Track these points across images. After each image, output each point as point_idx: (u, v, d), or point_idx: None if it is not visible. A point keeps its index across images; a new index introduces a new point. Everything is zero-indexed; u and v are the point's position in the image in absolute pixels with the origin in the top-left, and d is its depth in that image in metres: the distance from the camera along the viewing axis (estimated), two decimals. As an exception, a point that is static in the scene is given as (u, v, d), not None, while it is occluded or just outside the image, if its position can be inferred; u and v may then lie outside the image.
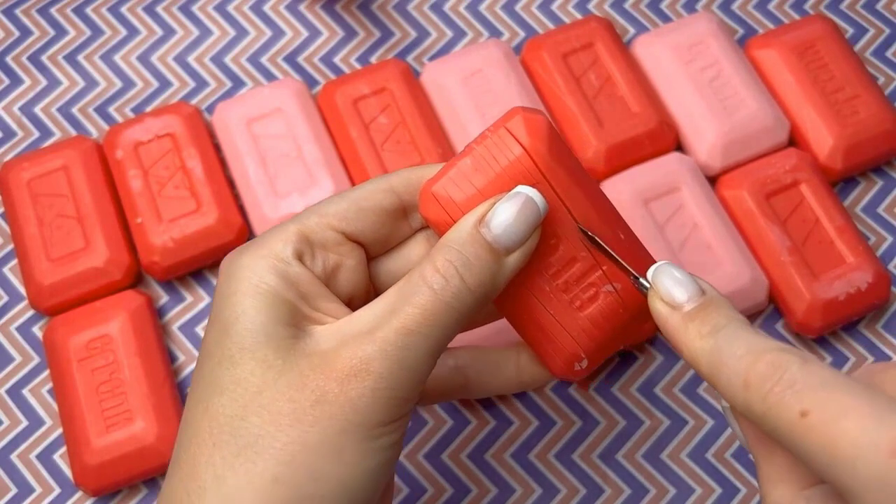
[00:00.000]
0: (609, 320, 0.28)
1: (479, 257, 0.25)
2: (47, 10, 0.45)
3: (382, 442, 0.25)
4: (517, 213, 0.25)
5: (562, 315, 0.27)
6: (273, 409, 0.24)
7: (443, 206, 0.26)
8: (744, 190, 0.40)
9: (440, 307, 0.25)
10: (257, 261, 0.26)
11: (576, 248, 0.27)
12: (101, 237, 0.39)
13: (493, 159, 0.26)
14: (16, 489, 0.37)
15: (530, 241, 0.26)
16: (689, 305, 0.25)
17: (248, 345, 0.25)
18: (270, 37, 0.45)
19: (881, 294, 0.39)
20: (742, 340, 0.23)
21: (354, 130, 0.41)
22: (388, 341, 0.24)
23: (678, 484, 0.37)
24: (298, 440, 0.24)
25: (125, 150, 0.40)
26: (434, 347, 0.25)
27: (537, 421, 0.38)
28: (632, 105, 0.41)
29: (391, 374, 0.24)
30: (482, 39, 0.45)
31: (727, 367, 0.23)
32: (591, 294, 0.27)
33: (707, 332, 0.24)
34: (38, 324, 0.39)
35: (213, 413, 0.25)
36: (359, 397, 0.24)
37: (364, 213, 0.27)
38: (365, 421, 0.24)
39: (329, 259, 0.27)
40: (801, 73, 0.42)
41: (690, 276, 0.25)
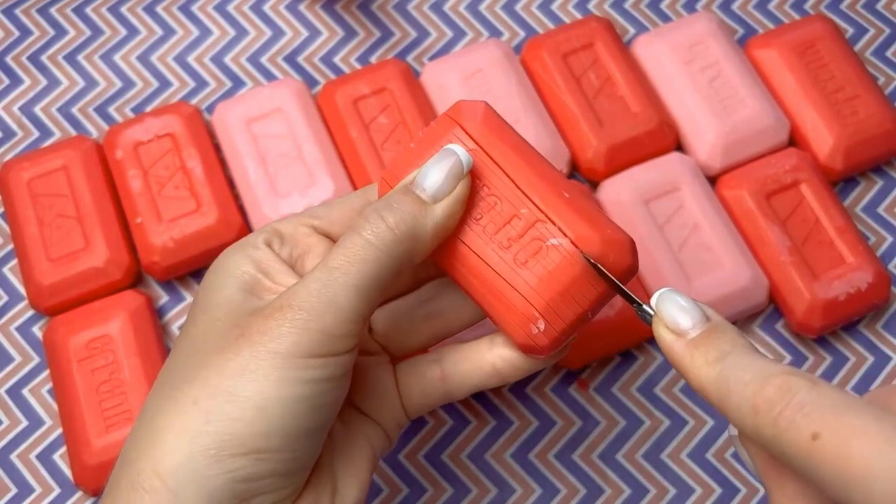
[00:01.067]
0: (555, 275, 0.27)
1: (401, 202, 0.27)
2: (47, 10, 0.45)
3: (304, 374, 0.25)
4: (440, 166, 0.27)
5: (508, 273, 0.28)
6: (206, 349, 0.26)
7: (390, 186, 0.29)
8: (744, 190, 0.40)
9: (360, 244, 0.26)
10: (231, 249, 0.29)
11: (516, 206, 0.28)
12: (101, 237, 0.39)
13: (434, 139, 0.29)
14: (16, 489, 0.37)
15: (457, 191, 0.27)
16: (693, 332, 0.25)
17: (207, 307, 0.27)
18: (270, 37, 0.45)
19: (881, 294, 0.39)
20: (749, 366, 0.23)
21: (354, 130, 0.41)
22: (311, 278, 0.26)
23: (678, 484, 0.37)
24: (218, 367, 0.25)
25: (125, 150, 0.40)
26: (357, 283, 0.26)
27: (537, 421, 0.38)
28: (632, 105, 0.41)
29: (310, 305, 0.25)
30: (482, 39, 0.45)
31: (735, 394, 0.23)
32: (535, 249, 0.28)
33: (713, 358, 0.24)
34: (38, 324, 0.39)
35: (168, 365, 0.27)
36: (278, 326, 0.25)
37: (331, 210, 0.30)
38: (285, 350, 0.25)
39: (297, 247, 0.30)
40: (801, 73, 0.42)
41: (695, 303, 0.25)
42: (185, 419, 0.25)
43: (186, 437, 0.25)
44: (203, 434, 0.24)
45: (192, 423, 0.25)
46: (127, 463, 0.25)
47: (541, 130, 0.41)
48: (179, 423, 0.25)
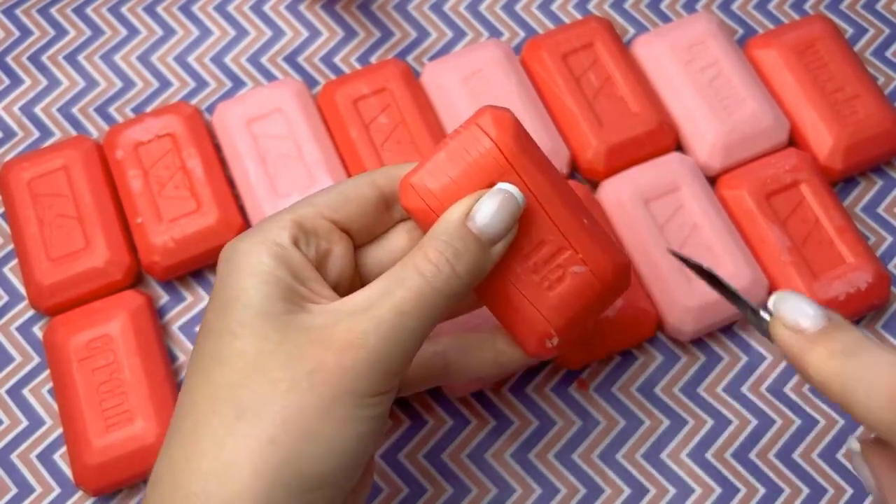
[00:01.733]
0: (577, 299, 0.30)
1: (468, 248, 0.27)
2: (47, 10, 0.45)
3: (371, 411, 0.26)
4: (499, 208, 0.28)
5: (533, 295, 0.30)
6: (271, 376, 0.25)
7: (421, 196, 0.29)
8: (744, 190, 0.40)
9: (430, 292, 0.27)
10: (256, 245, 0.28)
11: (544, 232, 0.29)
12: (101, 237, 0.39)
13: (465, 152, 0.29)
14: (16, 489, 0.37)
15: (511, 233, 0.28)
16: (815, 329, 0.24)
17: (248, 320, 0.26)
18: (270, 37, 0.45)
19: (881, 294, 0.39)
20: (881, 358, 0.22)
21: (354, 130, 0.41)
22: (383, 319, 0.26)
23: (678, 484, 0.37)
24: (294, 404, 0.25)
25: (125, 150, 0.40)
26: (423, 327, 0.27)
27: (537, 421, 0.38)
28: (632, 105, 0.41)
29: (384, 348, 0.26)
30: (482, 39, 0.45)
31: (866, 385, 0.22)
32: (560, 275, 0.30)
33: (838, 350, 0.23)
34: (38, 324, 0.39)
35: (213, 383, 0.26)
36: (353, 367, 0.25)
37: (350, 204, 0.30)
38: (357, 389, 0.26)
39: (321, 245, 0.29)
40: (801, 73, 0.42)
41: (815, 302, 0.25)
42: (264, 457, 0.25)
43: (266, 476, 0.25)
44: (282, 472, 0.25)
45: (271, 460, 0.25)
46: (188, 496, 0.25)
47: (541, 130, 0.41)
48: (257, 461, 0.25)
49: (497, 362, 0.32)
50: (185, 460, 0.25)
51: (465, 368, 0.32)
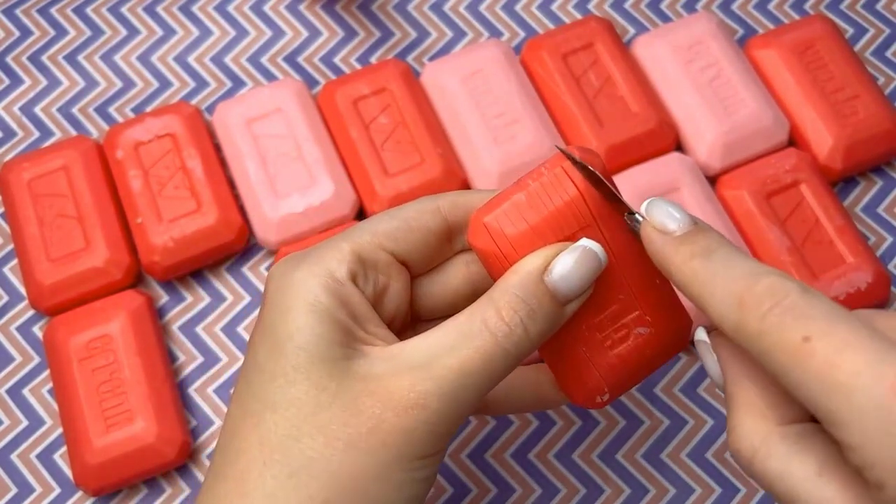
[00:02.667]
0: (636, 360, 0.28)
1: (544, 308, 0.26)
2: (47, 10, 0.45)
3: (424, 472, 0.25)
4: (580, 266, 0.26)
5: (593, 352, 0.28)
6: (328, 432, 0.24)
7: (493, 238, 0.27)
8: (744, 190, 0.40)
9: (499, 354, 0.25)
10: (313, 278, 0.26)
11: (616, 290, 0.27)
12: (101, 237, 0.39)
13: (547, 198, 0.27)
14: (16, 489, 0.37)
15: (587, 291, 0.27)
16: (680, 231, 0.24)
17: (303, 364, 0.25)
18: (270, 37, 0.45)
19: (881, 294, 0.39)
20: (739, 262, 0.23)
21: (354, 130, 0.41)
22: (447, 380, 0.24)
23: (678, 484, 0.37)
24: (352, 466, 0.24)
25: (125, 150, 0.40)
26: (486, 389, 0.25)
27: (537, 421, 0.38)
28: (632, 105, 0.41)
29: (445, 411, 0.25)
30: (482, 39, 0.45)
31: (721, 287, 0.23)
32: (623, 335, 0.28)
33: (699, 251, 0.24)
34: (38, 324, 0.39)
35: (264, 430, 0.25)
36: (413, 430, 0.24)
37: (413, 234, 0.28)
38: (415, 452, 0.25)
39: (379, 280, 0.27)
40: (801, 73, 0.42)
41: (684, 210, 0.25)
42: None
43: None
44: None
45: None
46: None
47: (541, 130, 0.41)
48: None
49: (537, 400, 0.30)
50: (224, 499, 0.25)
51: (503, 404, 0.31)
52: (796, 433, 0.23)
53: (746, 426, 0.24)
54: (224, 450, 0.26)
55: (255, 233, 0.40)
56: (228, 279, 0.40)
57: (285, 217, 0.39)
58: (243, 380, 0.26)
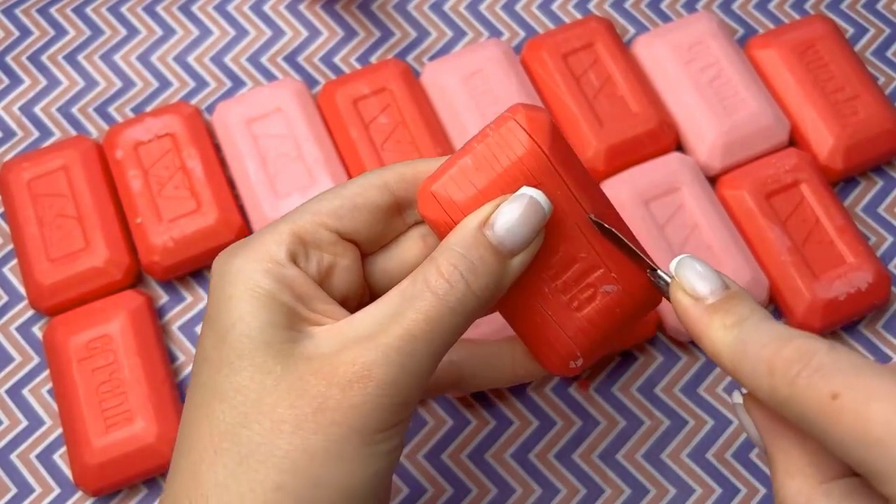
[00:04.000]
0: (606, 320, 0.28)
1: (484, 261, 0.25)
2: (47, 10, 0.45)
3: (383, 447, 0.24)
4: (522, 215, 0.25)
5: (559, 315, 0.27)
6: (274, 416, 0.24)
7: (443, 207, 0.26)
8: (744, 190, 0.40)
9: (444, 312, 0.24)
10: (251, 263, 0.25)
11: (577, 248, 0.27)
12: (101, 237, 0.39)
13: (494, 159, 0.26)
14: (16, 489, 0.37)
15: (534, 243, 0.26)
16: (712, 298, 0.25)
17: (247, 351, 0.24)
18: (270, 37, 0.45)
19: (881, 294, 0.39)
20: (767, 330, 0.23)
21: (354, 130, 0.41)
22: (392, 347, 0.24)
23: (678, 484, 0.37)
24: (300, 448, 0.23)
25: (125, 150, 0.40)
26: (437, 352, 0.25)
27: (537, 421, 0.38)
28: (632, 105, 0.41)
29: (394, 379, 0.24)
30: (482, 39, 0.45)
31: (751, 355, 0.23)
32: (589, 294, 0.27)
33: (731, 322, 0.24)
34: (38, 324, 0.39)
35: (213, 420, 0.24)
36: (361, 403, 0.24)
37: (358, 211, 0.27)
38: (366, 427, 0.24)
39: (323, 259, 0.27)
40: (801, 73, 0.42)
41: (714, 270, 0.25)
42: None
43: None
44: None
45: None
46: None
47: (541, 130, 0.41)
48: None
49: (514, 374, 0.30)
50: (188, 500, 0.24)
51: (480, 380, 0.30)
52: (841, 490, 0.23)
53: (790, 488, 0.24)
54: (179, 444, 0.26)
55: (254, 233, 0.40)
56: (228, 279, 0.40)
57: (285, 217, 0.39)
58: (193, 374, 0.26)
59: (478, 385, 0.31)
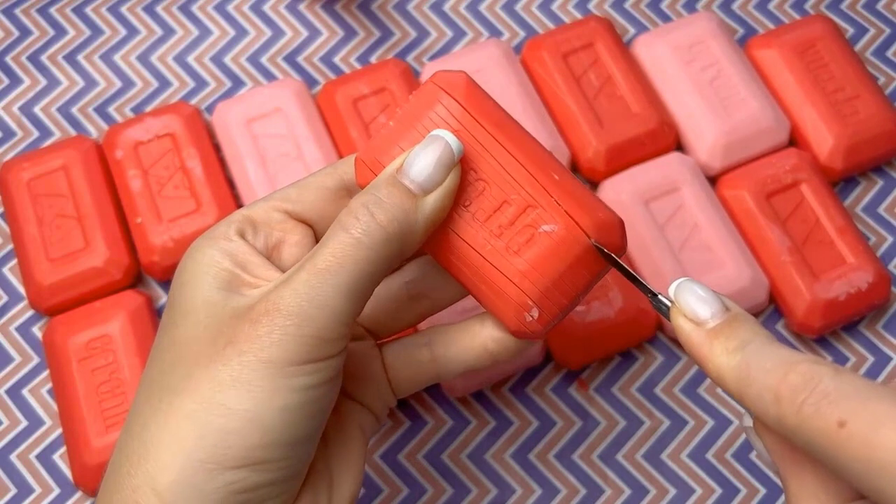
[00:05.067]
0: (552, 262, 0.27)
1: (391, 195, 0.26)
2: (47, 10, 0.45)
3: (298, 382, 0.25)
4: (429, 154, 0.26)
5: (500, 262, 0.27)
6: (194, 356, 0.25)
7: (373, 171, 0.27)
8: (744, 190, 0.40)
9: (350, 243, 0.25)
10: (203, 241, 0.28)
11: (505, 191, 0.27)
12: (100, 237, 0.39)
13: (415, 118, 0.27)
14: (15, 489, 0.37)
15: (448, 181, 0.27)
16: (713, 322, 0.24)
17: (188, 309, 0.26)
18: (270, 37, 0.45)
19: (881, 294, 0.39)
20: (770, 354, 0.23)
21: (354, 130, 0.41)
22: (299, 281, 0.25)
23: (678, 484, 0.37)
24: (209, 378, 0.25)
25: (125, 150, 0.40)
26: (347, 284, 0.25)
27: (537, 421, 0.38)
28: (632, 105, 0.41)
29: (300, 310, 0.24)
30: (482, 39, 0.45)
31: (757, 382, 0.23)
32: (528, 236, 0.27)
33: (733, 347, 0.24)
34: (37, 324, 0.39)
35: (150, 372, 0.26)
36: (267, 334, 0.24)
37: (307, 192, 0.29)
38: (276, 358, 0.24)
39: (272, 236, 0.28)
40: (802, 73, 0.42)
41: (714, 293, 0.25)
42: (179, 433, 0.24)
43: (182, 453, 0.24)
44: (199, 448, 0.24)
45: (187, 437, 0.24)
46: (120, 478, 0.25)
47: (541, 130, 0.41)
48: (173, 438, 0.24)
49: (487, 350, 0.30)
50: (118, 449, 0.26)
51: (454, 360, 0.30)
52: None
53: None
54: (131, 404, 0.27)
55: (254, 233, 0.40)
56: (228, 279, 0.40)
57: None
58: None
59: (455, 369, 0.31)
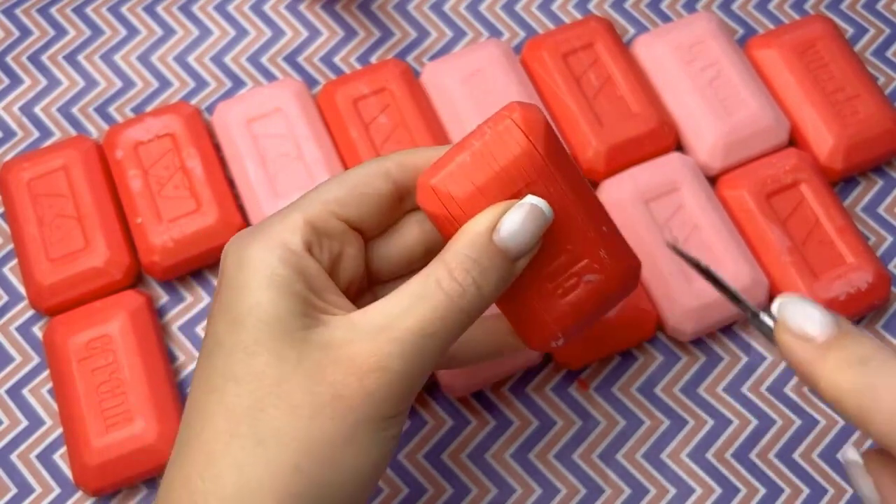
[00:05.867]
0: (587, 305, 0.29)
1: (495, 265, 0.26)
2: (47, 10, 0.45)
3: (390, 432, 0.26)
4: (526, 222, 0.26)
5: (545, 301, 0.29)
6: (292, 401, 0.25)
7: (442, 201, 0.27)
8: (744, 190, 0.40)
9: (455, 313, 0.26)
10: (268, 252, 0.26)
11: (565, 240, 0.28)
12: (101, 237, 0.39)
13: (491, 157, 0.27)
14: (16, 489, 0.37)
15: (536, 246, 0.27)
16: (823, 337, 0.23)
17: (264, 337, 0.25)
18: (270, 37, 0.45)
19: (881, 294, 0.39)
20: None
21: (354, 130, 0.41)
22: (406, 342, 0.25)
23: (678, 484, 0.37)
24: (318, 431, 0.25)
25: (125, 150, 0.40)
26: (445, 347, 0.26)
27: (537, 421, 0.38)
28: (632, 105, 0.41)
29: (407, 371, 0.25)
30: (482, 39, 0.45)
31: (886, 400, 0.20)
32: (573, 283, 0.29)
33: (854, 360, 0.22)
34: (38, 324, 0.39)
35: (228, 404, 0.25)
36: (376, 391, 0.25)
37: (363, 199, 0.28)
38: (378, 413, 0.25)
39: (333, 248, 0.28)
40: (802, 73, 0.42)
41: (823, 308, 0.23)
42: (288, 485, 0.24)
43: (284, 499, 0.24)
44: (305, 499, 0.24)
45: (295, 488, 0.24)
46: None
47: (541, 130, 0.41)
48: (281, 488, 0.24)
49: (497, 348, 0.31)
50: (201, 480, 0.25)
51: (465, 355, 0.31)
52: None
53: None
54: (188, 424, 0.26)
55: (254, 233, 0.40)
56: (228, 279, 0.40)
57: (285, 217, 0.39)
58: (204, 358, 0.27)
59: (464, 360, 0.31)
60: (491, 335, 0.31)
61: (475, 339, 0.31)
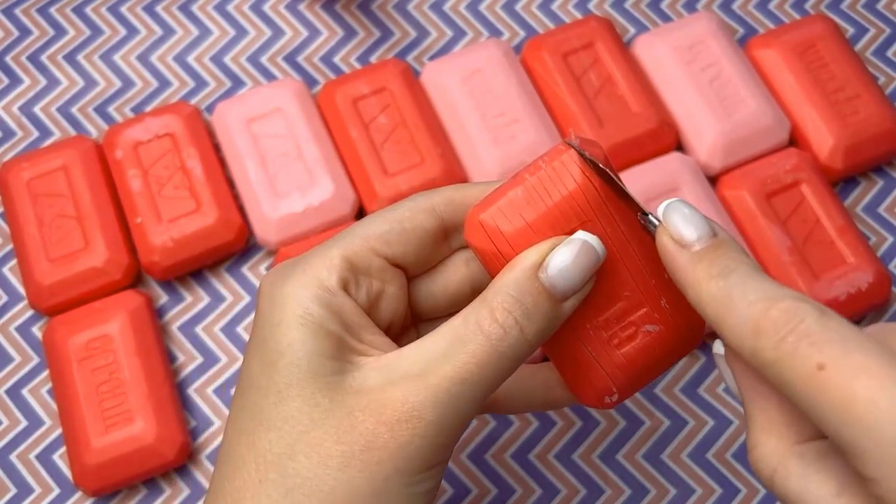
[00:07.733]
0: (645, 358, 0.27)
1: (539, 306, 0.25)
2: (47, 9, 0.45)
3: (423, 487, 0.25)
4: (576, 260, 0.25)
5: (598, 352, 0.27)
6: (322, 450, 0.24)
7: (490, 237, 0.26)
8: (744, 190, 0.40)
9: (495, 358, 0.24)
10: (302, 289, 0.25)
11: (622, 286, 0.26)
12: (100, 237, 0.39)
13: (545, 192, 0.25)
14: (15, 489, 0.37)
15: (586, 286, 0.25)
16: (699, 245, 0.24)
17: (295, 380, 0.24)
18: (270, 37, 0.45)
19: (881, 294, 0.39)
20: (755, 285, 0.22)
21: (354, 130, 0.41)
22: (441, 388, 0.24)
23: (678, 484, 0.37)
24: (346, 484, 0.24)
25: (125, 150, 0.40)
26: (484, 395, 0.25)
27: (537, 421, 0.38)
28: (632, 105, 0.41)
29: (442, 421, 0.24)
30: (482, 39, 0.45)
31: (737, 311, 0.22)
32: (630, 333, 0.27)
33: (717, 272, 0.23)
34: (37, 324, 0.39)
35: (259, 449, 0.24)
36: (409, 443, 0.24)
37: (407, 236, 0.27)
38: (410, 467, 0.24)
39: (373, 286, 0.26)
40: (802, 73, 0.42)
41: (703, 216, 0.24)
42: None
43: None
44: None
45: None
46: None
47: (541, 130, 0.41)
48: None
49: (546, 400, 0.29)
50: None
51: (512, 403, 0.30)
52: (815, 452, 0.23)
53: (764, 446, 0.23)
54: (222, 466, 0.25)
55: (254, 233, 0.40)
56: (228, 279, 0.40)
57: (285, 217, 0.39)
58: (238, 395, 0.26)
59: (511, 409, 0.30)
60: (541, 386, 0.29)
61: (525, 387, 0.29)
